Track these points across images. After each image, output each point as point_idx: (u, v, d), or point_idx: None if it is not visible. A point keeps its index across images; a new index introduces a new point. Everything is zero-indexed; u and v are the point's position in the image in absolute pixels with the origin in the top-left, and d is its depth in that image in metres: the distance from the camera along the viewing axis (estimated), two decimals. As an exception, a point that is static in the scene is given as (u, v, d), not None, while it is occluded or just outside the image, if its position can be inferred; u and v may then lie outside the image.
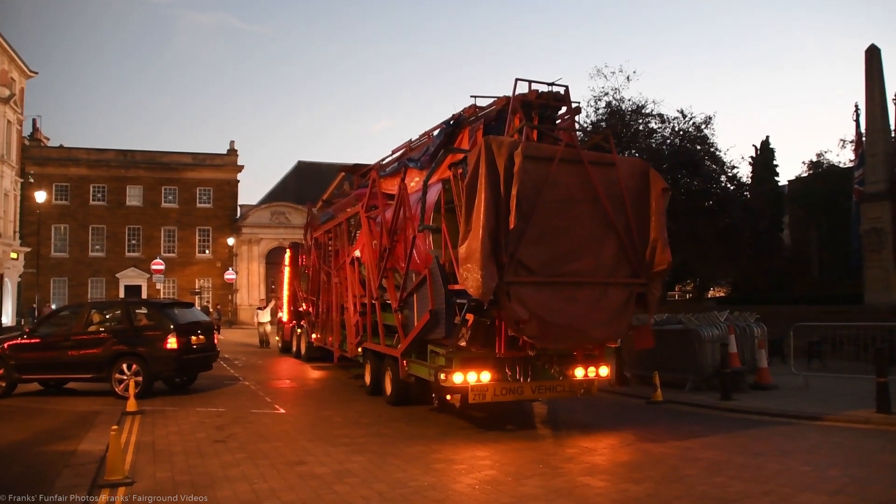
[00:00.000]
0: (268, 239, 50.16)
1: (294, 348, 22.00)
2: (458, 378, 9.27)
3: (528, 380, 9.82)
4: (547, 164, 8.79)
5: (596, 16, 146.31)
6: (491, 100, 10.70)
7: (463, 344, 9.33)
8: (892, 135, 21.07)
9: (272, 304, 28.06)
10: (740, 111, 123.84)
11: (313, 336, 18.94)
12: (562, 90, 9.99)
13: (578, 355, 10.09)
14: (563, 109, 10.27)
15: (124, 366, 13.27)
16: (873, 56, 21.14)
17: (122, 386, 13.05)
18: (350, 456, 8.40)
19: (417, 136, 12.81)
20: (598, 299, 9.13)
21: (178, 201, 48.42)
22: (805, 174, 35.28)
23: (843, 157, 33.03)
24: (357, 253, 14.05)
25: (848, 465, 7.87)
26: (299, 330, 21.47)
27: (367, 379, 13.47)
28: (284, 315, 23.79)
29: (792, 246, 33.27)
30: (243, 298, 49.11)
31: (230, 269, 46.69)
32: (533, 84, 9.91)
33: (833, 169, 32.73)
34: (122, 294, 45.36)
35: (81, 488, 6.77)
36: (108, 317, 14.47)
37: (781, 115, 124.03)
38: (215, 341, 15.36)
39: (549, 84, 9.96)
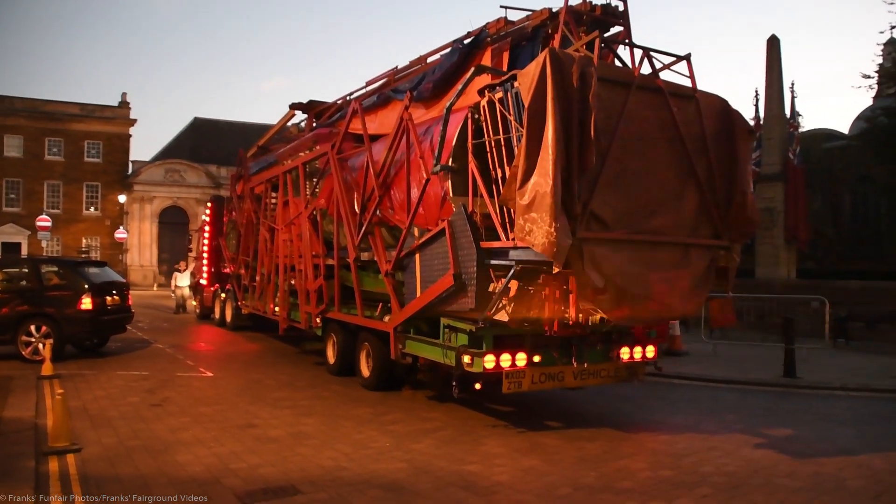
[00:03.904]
0: (161, 197, 47.74)
1: (217, 315, 19.96)
2: (489, 362, 7.52)
3: (574, 363, 8.00)
4: (623, 90, 6.96)
5: None
6: (525, 14, 8.78)
7: (505, 319, 7.26)
8: (788, 120, 22.52)
9: (192, 265, 25.54)
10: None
11: (243, 302, 16.94)
12: (620, 6, 8.32)
13: (637, 332, 8.45)
14: (616, 30, 8.54)
15: (32, 327, 12.48)
16: (773, 46, 22.42)
17: (29, 349, 12.31)
18: (299, 419, 8.32)
19: (407, 63, 11.11)
20: (679, 264, 7.33)
21: (63, 154, 45.08)
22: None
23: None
24: (322, 204, 11.94)
25: (771, 423, 8.57)
26: (223, 294, 19.45)
27: (331, 356, 11.63)
28: (204, 277, 21.72)
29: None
30: (134, 259, 46.82)
31: (121, 227, 44.20)
32: None
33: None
34: (-2, 252, 42.21)
35: (26, 456, 6.38)
36: (13, 275, 13.49)
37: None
38: (129, 302, 14.66)
39: None
